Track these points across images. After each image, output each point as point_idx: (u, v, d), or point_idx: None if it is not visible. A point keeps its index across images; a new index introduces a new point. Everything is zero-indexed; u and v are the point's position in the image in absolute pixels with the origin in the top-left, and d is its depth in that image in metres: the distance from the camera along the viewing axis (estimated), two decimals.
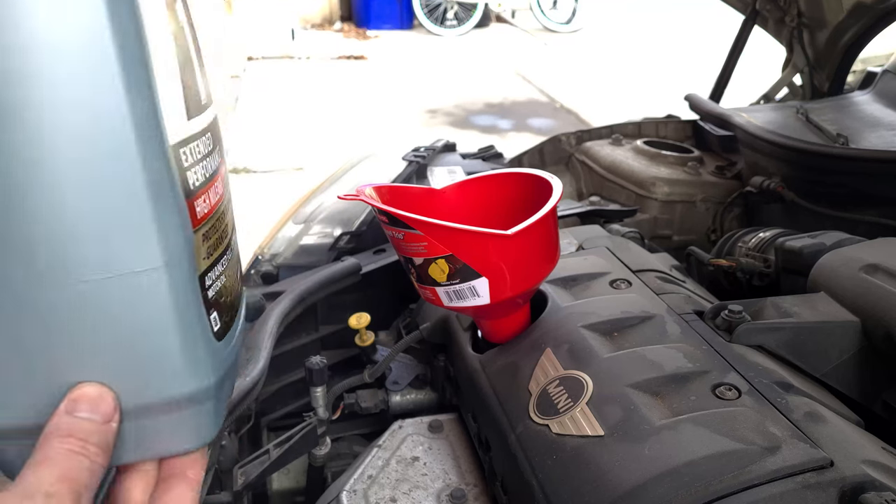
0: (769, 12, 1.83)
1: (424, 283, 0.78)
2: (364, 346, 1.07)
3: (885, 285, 0.81)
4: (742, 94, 2.05)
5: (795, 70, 1.88)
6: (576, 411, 0.70)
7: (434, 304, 0.80)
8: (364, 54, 7.59)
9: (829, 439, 0.61)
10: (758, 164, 1.52)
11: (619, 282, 0.91)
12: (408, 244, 0.75)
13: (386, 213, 0.74)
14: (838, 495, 0.56)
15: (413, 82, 6.52)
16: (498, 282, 0.76)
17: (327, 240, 1.32)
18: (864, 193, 1.28)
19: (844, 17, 1.68)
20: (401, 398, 1.05)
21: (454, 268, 0.74)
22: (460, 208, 0.88)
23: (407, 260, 0.78)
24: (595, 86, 6.41)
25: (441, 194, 0.88)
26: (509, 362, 0.82)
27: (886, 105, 1.57)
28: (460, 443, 0.88)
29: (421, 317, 1.06)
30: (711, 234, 1.55)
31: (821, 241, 0.97)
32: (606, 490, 0.61)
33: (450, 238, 0.73)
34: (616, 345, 0.78)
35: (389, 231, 0.76)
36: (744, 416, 0.64)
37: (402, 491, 0.80)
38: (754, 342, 0.77)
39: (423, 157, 1.52)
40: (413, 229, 0.73)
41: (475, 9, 8.66)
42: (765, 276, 1.08)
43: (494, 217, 0.84)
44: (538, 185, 0.82)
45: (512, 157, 1.74)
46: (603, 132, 1.81)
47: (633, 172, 1.58)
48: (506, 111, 5.75)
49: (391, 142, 4.32)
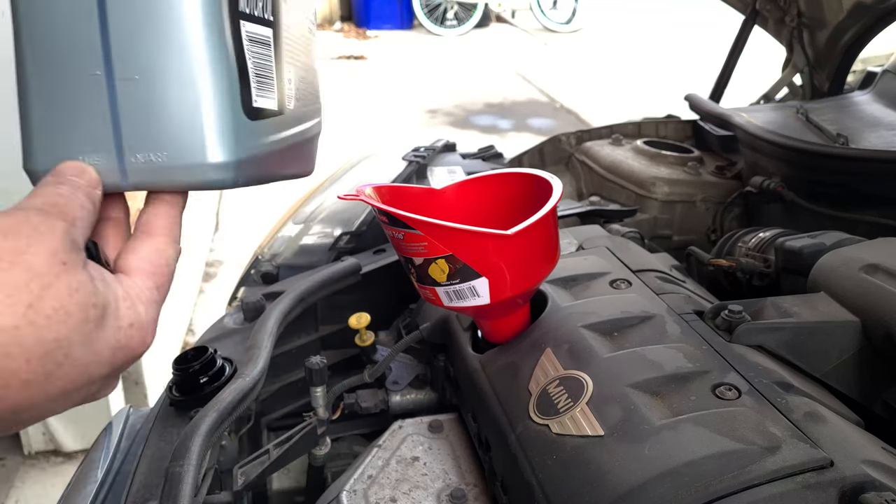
0: (769, 12, 1.83)
1: (424, 283, 0.78)
2: (364, 346, 1.07)
3: (885, 285, 0.81)
4: (742, 94, 2.05)
5: (795, 70, 1.88)
6: (576, 411, 0.70)
7: (434, 305, 0.80)
8: (364, 54, 7.59)
9: (829, 439, 0.61)
10: (758, 164, 1.52)
11: (619, 282, 0.91)
12: (408, 244, 0.75)
13: (386, 213, 0.74)
14: (838, 495, 0.56)
15: (413, 82, 6.52)
16: (498, 282, 0.76)
17: (327, 240, 1.32)
18: (864, 193, 1.28)
19: (844, 17, 1.68)
20: (401, 398, 1.05)
21: (454, 268, 0.74)
22: (460, 208, 0.88)
23: (407, 260, 0.78)
24: (595, 86, 6.41)
25: (441, 194, 0.88)
26: (509, 362, 0.82)
27: (886, 105, 1.57)
28: (460, 443, 0.88)
29: (421, 317, 1.06)
30: (711, 234, 1.55)
31: (821, 241, 0.97)
32: (606, 490, 0.61)
33: (450, 238, 0.73)
34: (616, 345, 0.78)
35: (389, 231, 0.76)
36: (744, 416, 0.64)
37: (402, 491, 0.80)
38: (754, 342, 0.77)
39: (423, 157, 1.52)
40: (413, 229, 0.73)
41: (475, 9, 8.67)
42: (765, 276, 1.08)
43: (495, 217, 0.84)
44: (538, 185, 0.82)
45: (512, 157, 1.74)
46: (603, 132, 1.81)
47: (633, 172, 1.58)
48: (506, 111, 5.75)
49: (391, 142, 4.32)
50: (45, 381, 0.37)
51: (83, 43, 0.41)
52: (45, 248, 0.38)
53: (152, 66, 0.42)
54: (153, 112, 0.42)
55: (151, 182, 0.44)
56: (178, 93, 0.42)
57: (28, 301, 0.36)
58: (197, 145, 0.43)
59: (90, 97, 0.42)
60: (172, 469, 0.66)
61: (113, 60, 0.41)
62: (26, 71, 0.42)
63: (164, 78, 0.42)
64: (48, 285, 0.37)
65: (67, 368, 0.38)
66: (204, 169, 0.43)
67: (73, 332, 0.38)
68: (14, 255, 0.36)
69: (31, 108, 0.43)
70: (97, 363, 0.40)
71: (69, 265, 0.38)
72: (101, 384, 0.42)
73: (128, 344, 0.42)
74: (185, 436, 0.70)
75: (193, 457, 0.67)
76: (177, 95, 0.42)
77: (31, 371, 0.36)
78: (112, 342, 0.41)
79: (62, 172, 0.43)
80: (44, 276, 0.37)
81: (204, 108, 0.43)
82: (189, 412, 0.86)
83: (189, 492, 0.64)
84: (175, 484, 0.64)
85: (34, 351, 0.36)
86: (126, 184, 0.44)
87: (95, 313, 0.39)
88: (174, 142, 0.43)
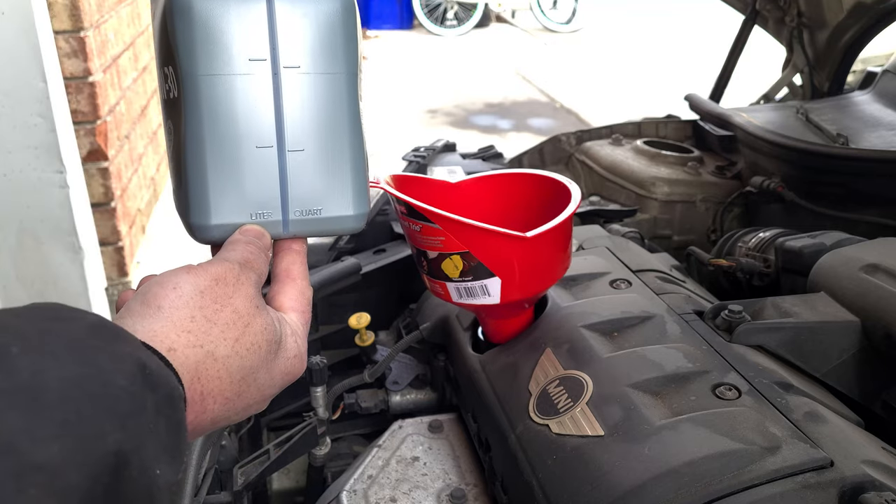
0: (769, 12, 1.83)
1: (436, 277, 0.77)
2: (364, 346, 1.07)
3: (884, 285, 0.81)
4: (742, 94, 2.05)
5: (795, 70, 1.88)
6: (576, 411, 0.70)
7: (442, 299, 0.80)
8: (364, 54, 7.59)
9: (829, 439, 0.61)
10: (758, 164, 1.52)
11: (619, 282, 0.91)
12: (424, 237, 0.74)
13: (405, 204, 0.73)
14: (838, 495, 0.56)
15: (413, 82, 6.52)
16: (510, 283, 0.75)
17: (327, 240, 1.32)
18: (864, 193, 1.28)
19: (844, 17, 1.68)
20: (401, 398, 1.05)
21: (469, 265, 0.74)
22: (474, 204, 0.87)
23: (420, 252, 0.77)
24: (595, 86, 6.41)
25: (456, 188, 0.87)
26: (509, 362, 0.82)
27: (886, 105, 1.57)
28: (460, 443, 0.88)
29: (421, 317, 1.06)
30: (711, 234, 1.55)
31: (821, 241, 0.97)
32: (606, 490, 0.61)
33: (468, 235, 0.73)
34: (616, 345, 0.78)
35: (406, 222, 0.76)
36: (744, 416, 0.64)
37: (402, 491, 0.80)
38: (754, 342, 0.77)
39: (423, 156, 1.52)
40: (431, 223, 0.72)
41: (475, 9, 8.66)
42: (765, 276, 1.08)
43: (507, 217, 0.83)
44: (555, 190, 0.81)
45: (512, 157, 1.74)
46: (603, 132, 1.81)
47: (633, 172, 1.58)
48: (506, 111, 5.75)
49: (391, 142, 4.32)
50: (237, 399, 0.46)
51: (260, 119, 0.52)
52: (245, 294, 0.47)
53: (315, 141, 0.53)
54: (313, 176, 0.54)
55: (306, 231, 0.55)
56: (333, 162, 0.54)
57: (236, 336, 0.45)
58: (345, 201, 0.55)
59: (263, 166, 0.52)
60: None
61: (286, 135, 0.52)
62: (203, 140, 0.51)
63: (324, 150, 0.54)
64: (248, 324, 0.46)
65: (253, 390, 0.47)
66: (348, 219, 0.55)
67: (261, 362, 0.47)
68: (225, 299, 0.46)
69: (206, 173, 0.51)
70: (271, 386, 0.49)
71: (260, 308, 0.48)
72: (268, 401, 0.51)
73: (292, 370, 0.51)
74: None
75: (193, 457, 0.67)
76: (332, 163, 0.54)
77: (232, 391, 0.45)
78: (283, 369, 0.50)
79: (248, 233, 0.52)
80: (245, 316, 0.46)
81: (351, 173, 0.55)
82: None
83: (189, 492, 0.64)
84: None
85: (236, 376, 0.45)
86: (286, 234, 0.55)
87: (275, 347, 0.48)
88: (327, 200, 0.54)
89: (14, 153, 1.83)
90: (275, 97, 0.52)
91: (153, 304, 0.44)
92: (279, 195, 0.53)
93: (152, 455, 0.34)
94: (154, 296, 0.44)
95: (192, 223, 0.53)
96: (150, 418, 0.35)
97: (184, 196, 0.53)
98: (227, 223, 0.53)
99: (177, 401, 0.39)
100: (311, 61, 0.52)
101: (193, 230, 0.54)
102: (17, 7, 1.69)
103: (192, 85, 0.50)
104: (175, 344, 0.42)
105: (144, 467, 0.33)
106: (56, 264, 1.96)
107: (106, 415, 0.32)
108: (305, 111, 0.53)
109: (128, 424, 0.33)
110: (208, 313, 0.45)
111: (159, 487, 0.35)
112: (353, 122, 0.55)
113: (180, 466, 0.37)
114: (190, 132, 0.51)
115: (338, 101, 0.54)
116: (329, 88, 0.53)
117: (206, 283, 0.46)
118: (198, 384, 0.43)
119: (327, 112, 0.54)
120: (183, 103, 0.51)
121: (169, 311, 0.43)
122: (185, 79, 0.50)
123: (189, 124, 0.51)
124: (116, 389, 0.33)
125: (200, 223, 0.53)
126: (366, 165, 0.57)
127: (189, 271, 0.46)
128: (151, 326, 0.42)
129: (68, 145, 1.90)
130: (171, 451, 0.36)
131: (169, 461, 0.36)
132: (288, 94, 0.52)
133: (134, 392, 0.34)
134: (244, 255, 0.50)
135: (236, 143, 0.52)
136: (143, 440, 0.34)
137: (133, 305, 0.44)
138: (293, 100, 0.52)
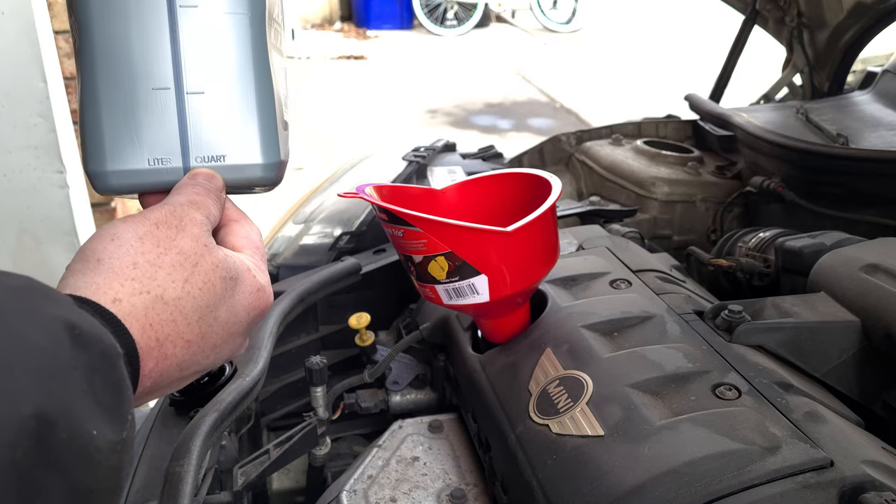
0: (769, 12, 1.83)
1: (424, 280, 0.78)
2: (364, 346, 1.07)
3: (884, 285, 0.81)
4: (742, 94, 2.05)
5: (795, 70, 1.88)
6: (576, 411, 0.70)
7: (434, 303, 0.80)
8: (364, 54, 7.59)
9: (829, 439, 0.61)
10: (758, 164, 1.52)
11: (619, 282, 0.91)
12: (407, 241, 0.75)
13: (385, 211, 0.74)
14: (838, 495, 0.56)
15: (413, 82, 6.52)
16: (497, 279, 0.76)
17: (327, 240, 1.32)
18: (864, 193, 1.28)
19: (844, 17, 1.68)
20: (401, 398, 1.05)
21: (454, 265, 0.74)
22: (460, 209, 0.88)
23: (407, 258, 0.78)
24: (595, 86, 6.41)
25: (441, 194, 0.88)
26: (509, 362, 0.82)
27: (886, 105, 1.57)
28: (460, 443, 0.88)
29: (421, 317, 1.06)
30: (711, 234, 1.55)
31: (821, 241, 0.97)
32: (606, 490, 0.61)
33: (449, 235, 0.73)
34: (616, 345, 0.78)
35: (389, 229, 0.76)
36: (744, 416, 0.64)
37: (402, 491, 0.80)
38: (754, 342, 0.77)
39: (423, 157, 1.52)
40: (412, 226, 0.73)
41: (475, 9, 8.67)
42: (765, 276, 1.08)
43: (495, 217, 0.84)
44: (538, 185, 0.82)
45: (512, 157, 1.74)
46: (603, 132, 1.81)
47: (633, 172, 1.58)
48: (506, 111, 5.75)
49: (391, 142, 4.32)
50: (201, 341, 0.46)
51: (156, 60, 0.49)
52: (191, 234, 0.47)
53: (217, 84, 0.51)
54: (215, 121, 0.51)
55: None
56: (237, 106, 0.52)
57: (184, 277, 0.45)
58: (251, 149, 0.52)
59: (160, 108, 0.50)
60: (172, 469, 0.66)
61: (183, 76, 0.50)
62: (97, 84, 0.49)
63: (227, 95, 0.51)
64: (196, 263, 0.46)
65: (217, 329, 0.47)
66: (255, 168, 0.53)
67: (218, 299, 0.47)
68: (168, 241, 0.45)
69: (101, 118, 0.49)
70: (237, 323, 0.49)
71: (210, 247, 0.47)
72: (241, 341, 0.51)
73: (257, 304, 0.50)
74: (185, 436, 0.70)
75: (193, 457, 0.67)
76: (236, 108, 0.52)
77: (192, 332, 0.45)
78: (245, 304, 0.49)
79: (196, 176, 0.51)
80: (192, 256, 0.46)
81: (257, 119, 0.52)
82: (189, 412, 0.86)
83: (189, 492, 0.64)
84: (175, 484, 0.64)
85: (192, 316, 0.45)
86: None
87: (232, 284, 0.48)
88: (232, 146, 0.52)
89: (14, 153, 1.83)
90: (171, 36, 0.49)
91: (92, 258, 0.43)
92: (178, 140, 0.51)
93: (86, 415, 0.34)
94: (93, 250, 0.44)
95: (90, 170, 0.51)
96: (81, 378, 0.34)
97: (83, 144, 0.51)
98: (124, 169, 0.50)
99: (114, 358, 0.38)
100: (210, 0, 0.50)
101: (92, 179, 0.51)
102: (17, 7, 1.69)
103: (86, 24, 0.49)
104: (119, 294, 0.42)
105: (75, 428, 0.33)
106: (56, 264, 1.96)
107: (22, 378, 0.31)
108: (205, 52, 0.50)
109: (51, 387, 0.32)
110: (151, 258, 0.44)
111: (98, 447, 0.34)
112: (259, 66, 0.52)
113: (124, 425, 0.36)
114: (86, 75, 0.49)
115: (242, 44, 0.51)
116: (232, 30, 0.51)
117: (146, 229, 0.45)
118: (150, 331, 0.42)
119: (231, 54, 0.51)
120: (80, 46, 0.49)
121: (109, 262, 0.43)
122: (80, 18, 0.48)
123: (84, 66, 0.49)
124: (35, 352, 0.32)
125: (97, 169, 0.51)
126: (279, 114, 0.54)
127: (127, 220, 0.46)
128: (94, 280, 0.42)
129: (68, 145, 1.90)
130: (110, 410, 0.35)
131: (108, 420, 0.35)
132: (186, 34, 0.50)
133: (57, 353, 0.33)
134: (189, 196, 0.49)
135: (132, 84, 0.49)
136: (73, 401, 0.33)
137: (73, 264, 0.44)
138: (191, 40, 0.50)
